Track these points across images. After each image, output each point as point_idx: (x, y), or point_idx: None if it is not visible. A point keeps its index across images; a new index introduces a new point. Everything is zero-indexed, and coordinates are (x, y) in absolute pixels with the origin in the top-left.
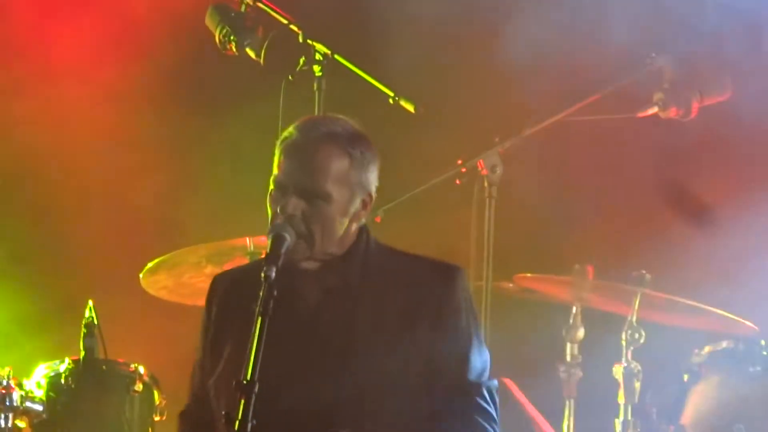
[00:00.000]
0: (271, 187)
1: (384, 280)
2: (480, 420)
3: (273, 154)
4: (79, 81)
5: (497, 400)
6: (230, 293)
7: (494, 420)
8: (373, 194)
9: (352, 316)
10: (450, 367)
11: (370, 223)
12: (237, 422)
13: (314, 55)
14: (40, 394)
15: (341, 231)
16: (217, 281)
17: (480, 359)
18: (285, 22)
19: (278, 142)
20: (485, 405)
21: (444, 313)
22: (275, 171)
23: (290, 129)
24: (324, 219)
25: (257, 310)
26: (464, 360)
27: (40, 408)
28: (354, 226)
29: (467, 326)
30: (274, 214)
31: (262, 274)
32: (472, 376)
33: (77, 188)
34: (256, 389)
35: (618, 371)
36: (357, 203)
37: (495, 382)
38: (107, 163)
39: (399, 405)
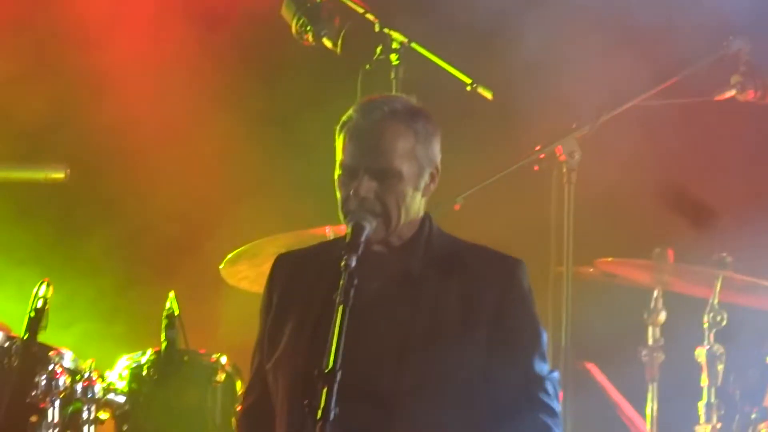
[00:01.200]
0: (338, 172)
1: (444, 270)
2: (542, 417)
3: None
4: (156, 76)
5: (558, 392)
6: (294, 275)
7: (557, 415)
8: (439, 167)
9: (412, 306)
10: (510, 362)
11: (450, 211)
12: (320, 411)
13: (391, 43)
14: (122, 385)
15: (415, 207)
16: (281, 262)
17: (540, 353)
18: (361, 11)
19: (339, 127)
20: (547, 401)
21: (504, 307)
22: (340, 156)
23: (350, 112)
24: (398, 196)
25: (337, 299)
26: (525, 355)
27: (122, 400)
28: (424, 203)
29: (527, 320)
30: (346, 198)
31: (342, 263)
32: (533, 371)
33: (157, 181)
34: (338, 378)
35: (701, 354)
36: (426, 177)
37: (556, 374)
38: (185, 155)
39: (458, 400)
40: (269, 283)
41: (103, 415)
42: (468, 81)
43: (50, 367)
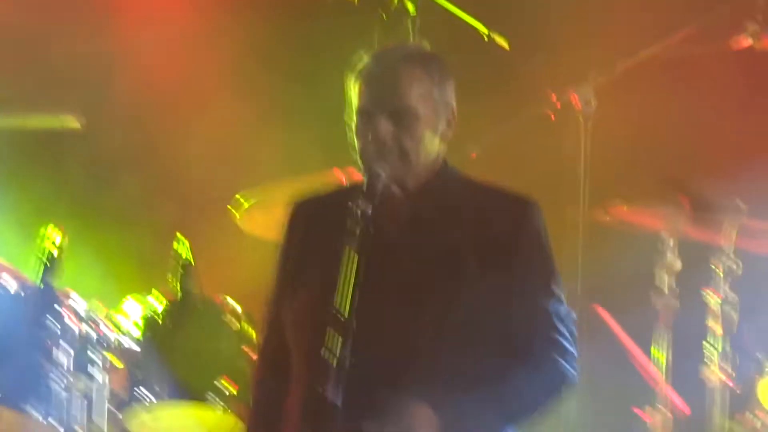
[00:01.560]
0: (354, 119)
1: (459, 213)
2: (557, 357)
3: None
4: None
5: (575, 332)
6: (313, 225)
7: (572, 355)
8: (455, 113)
9: (427, 251)
10: (525, 302)
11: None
12: (337, 358)
13: None
14: (137, 333)
15: (434, 151)
16: (298, 210)
17: (555, 293)
18: None
19: (353, 75)
20: (562, 340)
21: (518, 248)
22: (356, 102)
23: (364, 59)
24: (417, 137)
25: (354, 247)
26: (540, 296)
27: (136, 347)
28: (442, 148)
29: (541, 260)
30: (365, 143)
31: (359, 211)
32: (549, 311)
33: (173, 126)
34: (354, 326)
35: (713, 301)
36: (443, 121)
37: (573, 314)
38: (196, 98)
39: (475, 342)
40: (289, 231)
41: (117, 362)
42: (485, 31)
43: (65, 315)
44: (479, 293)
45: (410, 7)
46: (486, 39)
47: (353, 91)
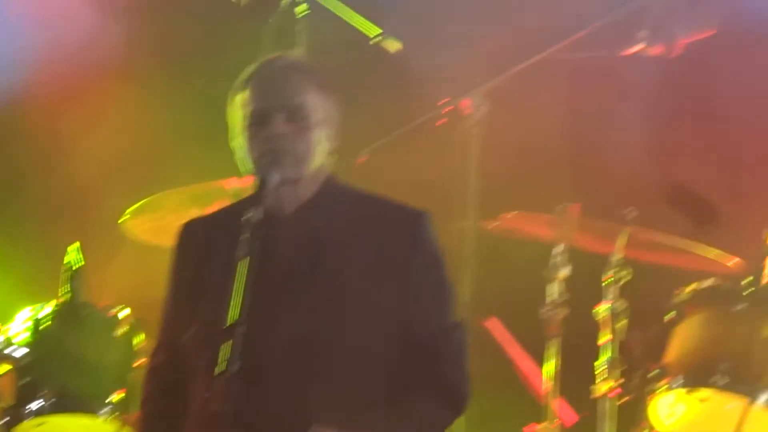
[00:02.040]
0: (246, 124)
1: (350, 226)
2: (451, 372)
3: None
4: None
5: (466, 342)
6: (205, 238)
7: (465, 368)
8: (338, 124)
9: (319, 266)
10: (418, 317)
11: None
12: (224, 363)
13: None
14: (23, 338)
15: (322, 158)
16: (189, 226)
17: (448, 306)
18: None
19: (239, 84)
20: (456, 355)
21: (410, 261)
22: (247, 108)
23: (249, 70)
24: (310, 139)
25: (241, 253)
26: (432, 309)
27: (23, 352)
28: (329, 159)
29: (434, 272)
30: (258, 144)
31: (247, 216)
32: (442, 325)
33: (59, 132)
34: (241, 331)
35: (602, 310)
36: (330, 135)
37: (463, 325)
38: (85, 107)
39: (369, 355)
40: (180, 251)
41: (4, 367)
42: (373, 34)
43: None
44: (373, 307)
45: (298, 9)
46: (372, 42)
47: (240, 101)
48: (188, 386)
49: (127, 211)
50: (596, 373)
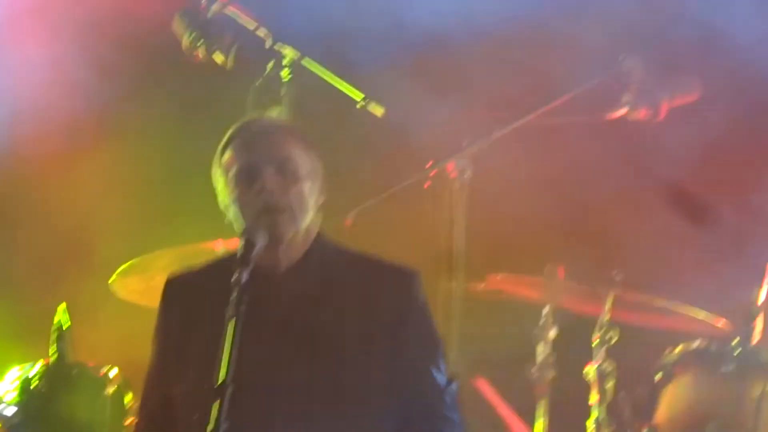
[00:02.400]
0: (232, 186)
1: (342, 285)
2: (444, 426)
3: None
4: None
5: (457, 403)
6: (191, 296)
7: (460, 427)
8: (324, 182)
9: (311, 326)
10: (410, 375)
11: (341, 227)
12: (213, 423)
13: (282, 59)
14: (11, 398)
15: (312, 210)
16: (174, 283)
17: (438, 364)
18: (252, 26)
19: (219, 151)
20: (447, 412)
21: (401, 319)
22: (234, 168)
23: (231, 132)
24: (299, 191)
25: (228, 314)
26: (423, 366)
27: (11, 412)
28: (318, 216)
29: (425, 330)
30: (249, 200)
31: (233, 278)
32: (433, 382)
33: (47, 193)
34: (229, 391)
35: (591, 371)
36: (317, 182)
37: (455, 385)
38: (74, 167)
39: (361, 415)
40: (164, 308)
41: None
42: (358, 97)
43: None
44: (365, 365)
45: (284, 73)
46: (358, 106)
47: (225, 162)
48: None
49: (116, 271)
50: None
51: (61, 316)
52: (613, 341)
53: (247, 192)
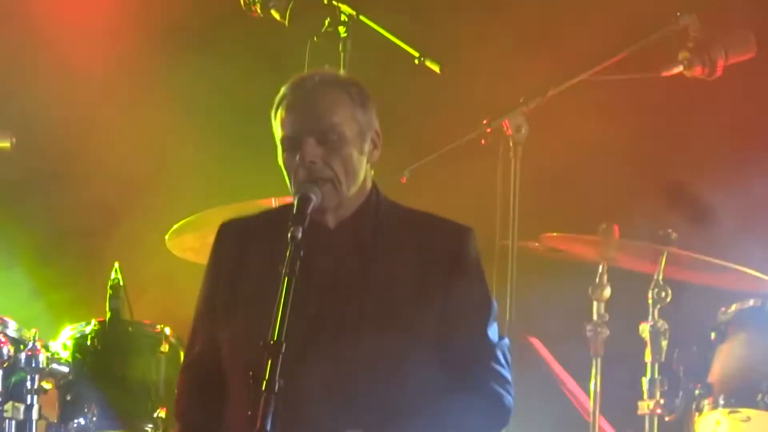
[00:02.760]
0: (281, 149)
1: (396, 239)
2: (495, 386)
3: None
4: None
5: (510, 358)
6: (243, 245)
7: (508, 382)
8: (380, 133)
9: (365, 279)
10: (461, 330)
11: (396, 184)
12: (265, 383)
13: (339, 16)
14: (66, 355)
15: (362, 173)
16: (227, 230)
17: (491, 320)
18: None
19: (273, 109)
20: (499, 368)
21: (454, 276)
22: (280, 133)
23: (282, 91)
24: (344, 159)
25: (284, 270)
26: (475, 323)
27: (65, 369)
28: (369, 170)
29: (477, 288)
30: (294, 170)
31: (289, 234)
32: (484, 338)
33: (104, 150)
34: (284, 350)
35: (645, 330)
36: (368, 141)
37: (506, 340)
38: (134, 125)
39: (412, 368)
40: (216, 251)
41: (47, 384)
42: (416, 54)
43: None
44: (417, 320)
45: (341, 29)
46: (417, 62)
47: (276, 124)
48: (223, 384)
49: (171, 229)
50: (640, 392)
51: (117, 273)
52: (668, 300)
53: (292, 160)
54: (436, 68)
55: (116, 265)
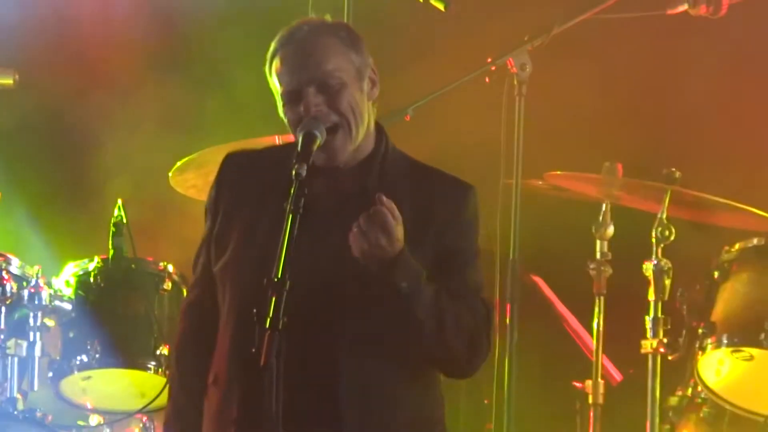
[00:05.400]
0: (281, 104)
1: (399, 189)
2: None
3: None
4: None
5: (493, 319)
6: (244, 177)
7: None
8: (376, 71)
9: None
10: (450, 278)
11: (400, 122)
12: (268, 319)
13: None
14: (68, 292)
15: (365, 111)
16: (231, 161)
17: (479, 279)
18: None
19: (267, 64)
20: (483, 310)
21: (450, 229)
22: (280, 87)
23: (273, 45)
24: (349, 101)
25: (287, 207)
26: (462, 270)
27: (68, 307)
28: (372, 110)
29: (468, 244)
30: (298, 121)
31: (293, 172)
32: (470, 282)
33: (103, 87)
34: (287, 287)
35: (648, 268)
36: (367, 80)
37: (492, 303)
38: (135, 61)
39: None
40: (217, 182)
41: (49, 322)
42: None
43: None
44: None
45: None
46: (421, 0)
47: (274, 70)
48: (221, 326)
49: (174, 166)
50: (643, 331)
51: (120, 211)
52: (671, 238)
53: (295, 112)
54: (441, 6)
55: (119, 202)
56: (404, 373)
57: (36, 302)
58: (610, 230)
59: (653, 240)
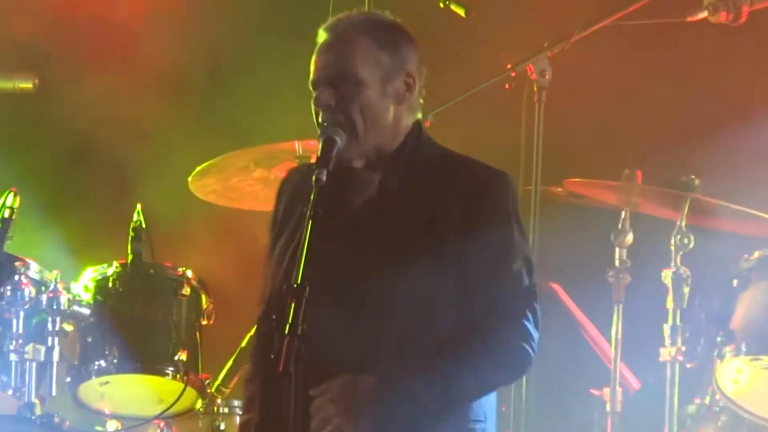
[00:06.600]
0: (311, 90)
1: (425, 182)
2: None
3: None
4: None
5: (537, 308)
6: (293, 192)
7: (533, 337)
8: (414, 74)
9: (386, 221)
10: (482, 276)
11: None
12: (287, 326)
13: None
14: (87, 297)
15: (388, 115)
16: (287, 178)
17: (516, 267)
18: None
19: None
20: (522, 319)
21: (475, 216)
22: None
23: (320, 33)
24: (360, 103)
25: (308, 213)
26: (497, 270)
27: (87, 311)
28: (405, 112)
29: (506, 236)
30: (315, 115)
31: (313, 177)
32: (508, 286)
33: (123, 92)
34: (307, 293)
35: (667, 276)
36: (396, 83)
37: (536, 288)
38: (155, 64)
39: (429, 309)
40: (276, 199)
41: (68, 326)
42: None
43: (16, 278)
44: (434, 260)
45: None
46: (442, 5)
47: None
48: None
49: (194, 171)
50: (662, 339)
51: (139, 216)
52: (690, 246)
53: (314, 105)
54: (461, 12)
55: (138, 207)
56: None
57: (54, 307)
58: (629, 237)
59: (672, 247)
